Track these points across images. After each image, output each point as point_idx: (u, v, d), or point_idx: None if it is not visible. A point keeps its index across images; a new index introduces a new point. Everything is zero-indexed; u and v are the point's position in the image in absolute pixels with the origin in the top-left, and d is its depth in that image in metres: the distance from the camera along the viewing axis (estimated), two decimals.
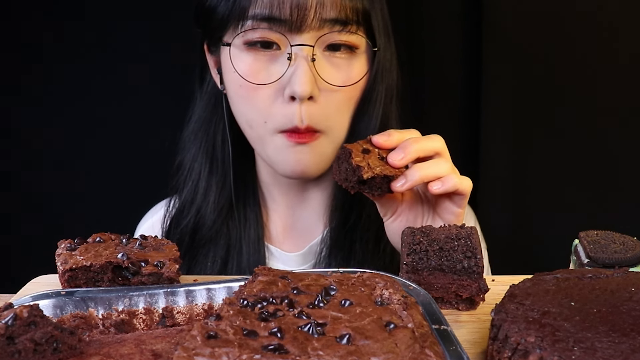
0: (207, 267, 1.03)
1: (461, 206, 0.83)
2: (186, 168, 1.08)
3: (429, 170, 0.79)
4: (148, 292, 0.66)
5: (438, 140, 0.82)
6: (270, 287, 0.59)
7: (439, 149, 0.82)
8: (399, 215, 0.87)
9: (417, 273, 0.69)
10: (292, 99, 0.91)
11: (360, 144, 0.80)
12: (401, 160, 0.78)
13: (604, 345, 0.52)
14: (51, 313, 0.63)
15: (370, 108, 0.98)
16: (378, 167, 0.77)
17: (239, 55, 0.93)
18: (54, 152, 1.38)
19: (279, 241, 1.08)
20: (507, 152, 1.29)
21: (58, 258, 0.70)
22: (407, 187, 0.78)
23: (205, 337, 0.50)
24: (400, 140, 0.80)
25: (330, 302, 0.57)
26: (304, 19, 0.88)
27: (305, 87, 0.89)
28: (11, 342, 0.53)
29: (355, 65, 0.95)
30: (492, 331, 0.57)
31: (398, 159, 0.78)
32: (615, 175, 1.28)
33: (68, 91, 1.35)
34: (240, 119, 0.99)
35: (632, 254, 0.70)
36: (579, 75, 1.25)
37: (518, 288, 0.62)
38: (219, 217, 1.04)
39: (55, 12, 1.31)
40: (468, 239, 0.69)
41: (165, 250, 0.73)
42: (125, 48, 1.32)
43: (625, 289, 0.60)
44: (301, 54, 0.90)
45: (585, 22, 1.23)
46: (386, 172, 0.78)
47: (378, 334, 0.52)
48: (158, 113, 1.31)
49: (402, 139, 0.80)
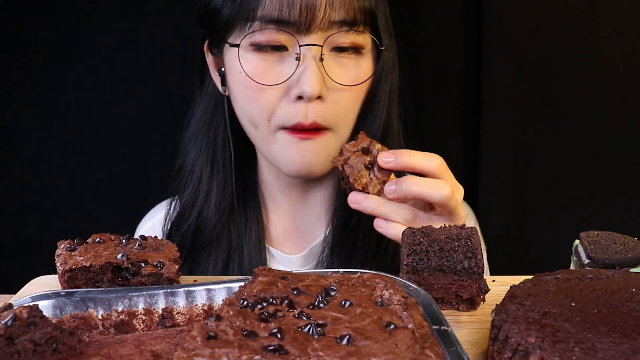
0: (209, 271, 1.03)
1: (449, 220, 0.85)
2: (187, 171, 1.07)
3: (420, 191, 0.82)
4: (148, 292, 0.66)
5: (444, 187, 0.82)
6: (270, 287, 0.59)
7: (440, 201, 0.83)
8: None
9: (418, 273, 0.69)
10: (298, 99, 0.91)
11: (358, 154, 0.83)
12: (394, 195, 0.82)
13: (605, 346, 0.52)
14: (51, 314, 0.63)
15: (375, 107, 0.98)
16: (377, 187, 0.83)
17: (246, 56, 0.93)
18: (54, 152, 1.38)
19: (280, 243, 1.08)
20: (507, 152, 1.28)
21: (58, 258, 0.70)
22: (394, 197, 0.83)
23: (205, 338, 0.50)
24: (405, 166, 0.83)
25: (330, 302, 0.57)
26: (313, 19, 0.88)
27: (315, 87, 0.89)
28: (11, 342, 0.53)
29: (363, 64, 0.95)
30: (493, 332, 0.57)
31: (392, 193, 0.83)
32: (616, 176, 1.27)
33: (68, 92, 1.35)
34: (243, 120, 0.98)
35: (633, 254, 0.70)
36: (580, 76, 1.24)
37: (518, 289, 0.61)
38: (220, 220, 1.04)
39: (55, 12, 1.31)
40: (468, 239, 0.69)
41: (165, 251, 0.73)
42: (126, 49, 1.32)
43: (625, 290, 0.60)
44: (309, 54, 0.90)
45: (586, 22, 1.23)
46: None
47: (378, 334, 0.52)
48: (158, 114, 1.31)
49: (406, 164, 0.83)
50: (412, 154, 0.83)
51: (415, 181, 0.82)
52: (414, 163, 0.82)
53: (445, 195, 0.81)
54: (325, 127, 0.93)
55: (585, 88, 1.25)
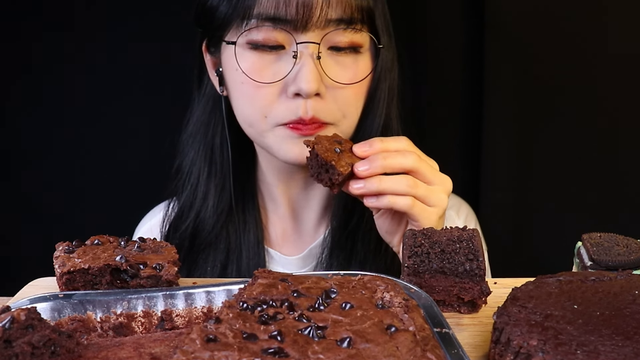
0: (207, 272, 1.03)
1: (417, 227, 0.84)
2: (185, 172, 1.07)
3: (386, 186, 0.81)
4: (147, 295, 0.65)
5: (410, 157, 0.83)
6: (270, 289, 0.59)
7: (410, 167, 0.82)
8: (385, 212, 0.88)
9: (419, 276, 0.69)
10: (296, 96, 0.90)
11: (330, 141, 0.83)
12: (365, 172, 0.81)
13: (607, 348, 0.51)
14: (49, 316, 0.62)
15: (374, 107, 0.98)
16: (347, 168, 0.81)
17: (243, 53, 0.92)
18: (53, 154, 1.38)
19: (279, 244, 1.08)
20: (509, 153, 1.28)
21: (56, 260, 0.70)
22: (362, 192, 0.81)
23: (204, 341, 0.50)
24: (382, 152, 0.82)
25: (330, 305, 0.57)
26: (310, 17, 0.88)
27: (312, 84, 0.89)
28: (8, 345, 0.53)
29: (361, 63, 0.95)
30: (494, 334, 0.57)
31: (363, 168, 0.81)
32: (619, 177, 1.27)
33: (66, 93, 1.35)
34: (240, 118, 0.98)
35: (636, 256, 0.69)
36: (581, 76, 1.24)
37: (520, 291, 0.61)
38: (219, 222, 1.04)
39: (54, 12, 1.31)
40: (470, 241, 0.68)
41: (164, 253, 0.73)
42: (124, 50, 1.32)
43: (628, 292, 0.60)
44: (306, 51, 0.90)
45: (586, 22, 1.23)
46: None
47: (379, 337, 0.52)
48: (157, 115, 1.31)
49: (384, 149, 0.82)
50: (384, 139, 0.85)
51: (383, 155, 0.82)
52: (387, 147, 0.83)
53: (415, 159, 0.82)
54: (326, 122, 0.93)
55: (587, 88, 1.25)
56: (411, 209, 0.82)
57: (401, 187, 0.81)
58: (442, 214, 0.85)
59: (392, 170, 0.82)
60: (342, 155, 0.82)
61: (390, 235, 0.90)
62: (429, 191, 0.83)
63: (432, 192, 0.83)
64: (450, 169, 0.88)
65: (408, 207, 0.82)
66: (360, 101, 0.96)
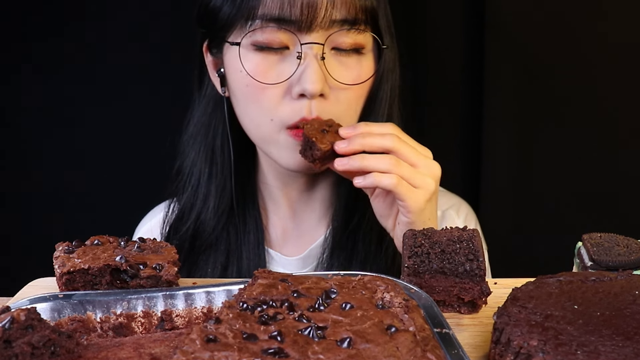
0: (207, 273, 1.03)
1: (405, 214, 0.85)
2: (185, 173, 1.07)
3: (369, 163, 0.84)
4: (147, 295, 0.65)
5: (390, 138, 0.85)
6: (270, 290, 0.59)
7: (389, 147, 0.84)
8: (378, 194, 0.90)
9: (419, 276, 0.68)
10: (300, 97, 0.91)
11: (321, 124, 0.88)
12: (344, 149, 0.85)
13: (608, 349, 0.51)
14: (49, 316, 0.62)
15: (376, 107, 0.98)
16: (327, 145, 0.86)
17: (247, 54, 0.92)
18: (53, 154, 1.38)
19: (279, 245, 1.08)
20: (509, 153, 1.28)
21: (56, 261, 0.70)
22: (345, 169, 0.85)
23: (204, 341, 0.50)
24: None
25: (330, 305, 0.57)
26: (314, 18, 0.88)
27: (317, 85, 0.89)
28: (8, 345, 0.53)
29: (364, 64, 0.95)
30: (495, 334, 0.57)
31: (342, 146, 0.85)
32: (619, 177, 1.27)
33: (67, 93, 1.35)
34: (244, 120, 0.98)
35: (636, 256, 0.69)
36: (581, 76, 1.24)
37: (521, 291, 0.61)
38: (219, 223, 1.04)
39: (54, 12, 1.31)
40: (470, 241, 0.68)
41: (164, 253, 0.72)
42: (125, 50, 1.32)
43: (628, 292, 0.60)
44: (311, 52, 0.90)
45: (587, 22, 1.23)
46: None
47: (379, 337, 0.52)
48: (157, 115, 1.31)
49: (367, 131, 0.86)
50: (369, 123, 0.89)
51: (363, 134, 0.85)
52: (370, 129, 0.86)
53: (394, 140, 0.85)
54: None
55: (587, 88, 1.25)
56: (396, 187, 0.83)
57: (384, 164, 0.83)
58: (431, 198, 0.86)
59: (371, 149, 0.85)
60: (327, 135, 0.86)
61: (384, 219, 0.91)
62: (414, 172, 0.85)
63: (416, 173, 0.85)
64: (450, 169, 0.89)
65: (393, 185, 0.83)
66: (360, 103, 0.97)
